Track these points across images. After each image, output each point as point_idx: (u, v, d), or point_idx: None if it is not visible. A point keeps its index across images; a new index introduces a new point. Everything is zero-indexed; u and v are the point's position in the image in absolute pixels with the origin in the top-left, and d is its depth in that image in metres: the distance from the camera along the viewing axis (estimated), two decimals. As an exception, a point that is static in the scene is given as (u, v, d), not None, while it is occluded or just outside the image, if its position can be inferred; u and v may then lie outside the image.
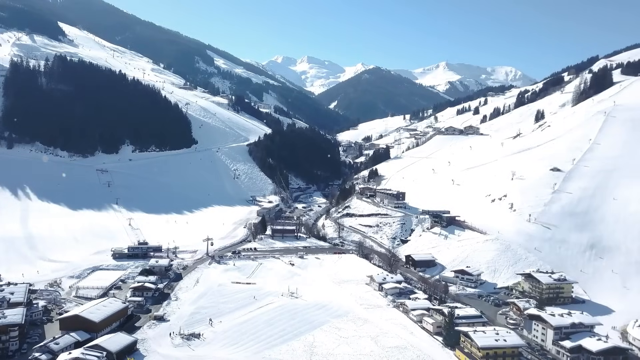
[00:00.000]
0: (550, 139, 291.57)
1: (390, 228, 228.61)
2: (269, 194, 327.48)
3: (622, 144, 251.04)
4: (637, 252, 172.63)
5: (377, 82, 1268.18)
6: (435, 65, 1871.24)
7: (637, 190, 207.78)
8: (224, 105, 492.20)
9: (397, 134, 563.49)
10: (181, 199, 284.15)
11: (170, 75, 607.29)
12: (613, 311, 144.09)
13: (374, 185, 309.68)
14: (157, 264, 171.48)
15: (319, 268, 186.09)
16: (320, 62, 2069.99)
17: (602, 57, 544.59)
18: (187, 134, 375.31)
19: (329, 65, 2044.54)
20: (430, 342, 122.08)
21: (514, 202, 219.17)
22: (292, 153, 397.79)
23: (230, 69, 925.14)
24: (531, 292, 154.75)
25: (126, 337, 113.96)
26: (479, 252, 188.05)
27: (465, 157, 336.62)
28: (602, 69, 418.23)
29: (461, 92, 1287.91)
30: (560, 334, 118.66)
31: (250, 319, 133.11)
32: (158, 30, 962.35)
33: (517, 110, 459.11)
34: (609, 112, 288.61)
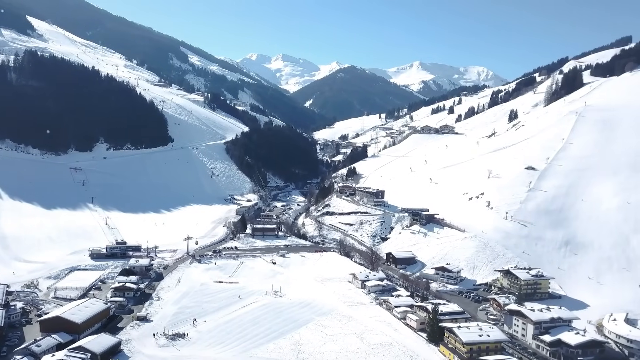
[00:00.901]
0: (525, 138, 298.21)
1: (371, 226, 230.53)
2: (247, 192, 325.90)
3: (594, 144, 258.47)
4: (609, 249, 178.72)
5: (352, 80, 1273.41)
6: (409, 65, 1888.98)
7: (608, 188, 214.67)
8: (200, 103, 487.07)
9: (373, 133, 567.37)
10: (158, 198, 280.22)
11: (144, 72, 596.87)
12: (588, 306, 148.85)
13: (352, 183, 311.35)
14: (138, 263, 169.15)
15: (301, 266, 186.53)
16: (295, 60, 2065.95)
17: (571, 59, 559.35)
18: (163, 131, 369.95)
19: (304, 64, 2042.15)
20: (414, 339, 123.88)
21: (491, 200, 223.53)
22: (270, 151, 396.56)
23: (205, 66, 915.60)
24: (510, 288, 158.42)
25: (110, 338, 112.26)
26: (458, 249, 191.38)
27: (442, 155, 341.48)
28: (572, 70, 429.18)
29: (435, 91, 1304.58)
30: (540, 329, 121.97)
31: (235, 318, 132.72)
32: (130, 26, 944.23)
33: (491, 109, 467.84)
34: (580, 113, 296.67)
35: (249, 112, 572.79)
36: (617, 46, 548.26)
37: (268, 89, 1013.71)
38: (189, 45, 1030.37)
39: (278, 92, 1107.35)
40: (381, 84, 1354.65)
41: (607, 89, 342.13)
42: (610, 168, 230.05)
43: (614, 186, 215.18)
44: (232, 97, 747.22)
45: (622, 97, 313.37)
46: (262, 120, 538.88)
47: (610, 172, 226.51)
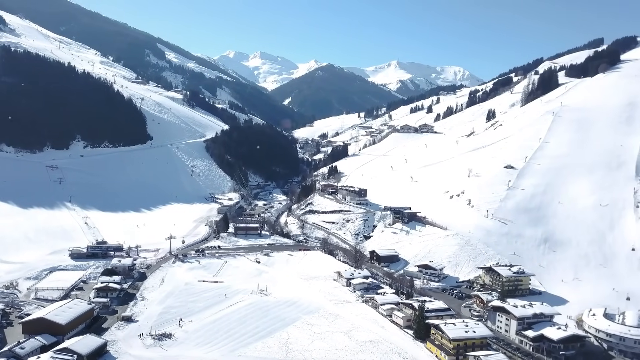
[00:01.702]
0: (503, 138, 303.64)
1: (353, 224, 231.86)
2: (228, 191, 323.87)
3: (570, 143, 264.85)
4: (587, 246, 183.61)
5: (331, 79, 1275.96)
6: (387, 64, 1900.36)
7: (585, 187, 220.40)
8: (179, 101, 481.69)
9: (353, 132, 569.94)
10: (138, 197, 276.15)
11: (120, 68, 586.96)
12: (567, 301, 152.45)
13: (334, 182, 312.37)
14: (120, 263, 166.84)
15: (285, 265, 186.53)
16: (273, 58, 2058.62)
17: (546, 59, 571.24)
18: (142, 129, 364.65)
19: (282, 62, 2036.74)
20: (401, 336, 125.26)
21: (472, 198, 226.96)
22: (250, 149, 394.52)
23: (182, 63, 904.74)
24: (492, 285, 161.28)
25: (96, 339, 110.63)
26: (440, 247, 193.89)
27: (422, 154, 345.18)
28: (548, 71, 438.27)
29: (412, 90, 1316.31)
30: (523, 324, 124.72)
31: (221, 317, 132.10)
32: (105, 22, 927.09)
33: (469, 109, 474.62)
34: (556, 113, 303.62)
35: (228, 110, 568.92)
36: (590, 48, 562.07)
37: (247, 87, 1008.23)
38: (166, 41, 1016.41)
39: (257, 90, 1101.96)
40: (359, 83, 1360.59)
41: (581, 90, 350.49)
42: (586, 167, 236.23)
43: (590, 185, 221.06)
44: (211, 94, 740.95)
45: (596, 97, 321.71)
46: (241, 118, 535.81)
47: (586, 171, 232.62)
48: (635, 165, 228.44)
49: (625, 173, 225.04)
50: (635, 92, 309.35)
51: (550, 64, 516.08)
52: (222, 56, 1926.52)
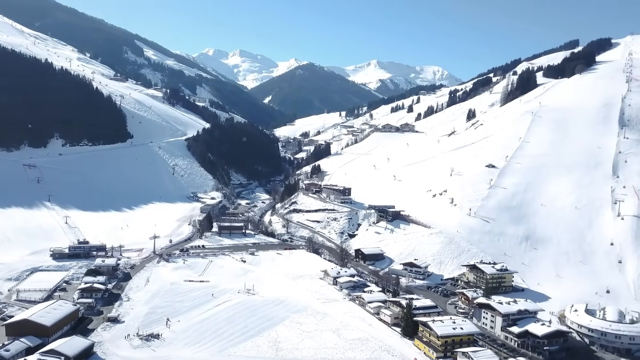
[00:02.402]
0: (484, 137, 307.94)
1: (338, 223, 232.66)
2: (210, 190, 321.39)
3: (549, 143, 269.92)
4: (567, 243, 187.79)
5: (311, 78, 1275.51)
6: (367, 63, 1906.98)
7: (564, 186, 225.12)
8: (159, 99, 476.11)
9: (335, 131, 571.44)
10: (119, 196, 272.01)
11: (98, 65, 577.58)
12: (549, 298, 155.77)
13: (317, 181, 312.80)
14: (104, 263, 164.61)
15: (271, 264, 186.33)
16: (253, 56, 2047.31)
17: (524, 60, 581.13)
18: (122, 127, 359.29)
19: (261, 60, 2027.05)
20: (389, 333, 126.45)
21: (454, 197, 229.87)
22: (232, 148, 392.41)
23: (161, 61, 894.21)
24: (476, 283, 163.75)
25: (82, 341, 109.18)
26: (424, 245, 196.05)
27: (404, 153, 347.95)
28: (526, 72, 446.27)
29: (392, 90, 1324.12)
30: (508, 321, 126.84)
31: (209, 317, 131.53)
32: (81, 17, 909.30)
33: (450, 109, 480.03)
34: (535, 113, 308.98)
35: (209, 108, 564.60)
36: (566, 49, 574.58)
37: (227, 85, 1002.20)
38: (144, 38, 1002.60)
39: (237, 88, 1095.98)
40: (340, 82, 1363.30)
41: (559, 90, 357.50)
42: (565, 166, 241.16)
43: (569, 184, 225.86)
44: (190, 92, 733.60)
45: (574, 98, 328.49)
46: (222, 117, 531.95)
47: (565, 170, 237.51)
48: (612, 164, 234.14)
49: (603, 172, 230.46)
50: (611, 93, 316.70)
51: (527, 64, 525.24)
52: (201, 54, 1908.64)
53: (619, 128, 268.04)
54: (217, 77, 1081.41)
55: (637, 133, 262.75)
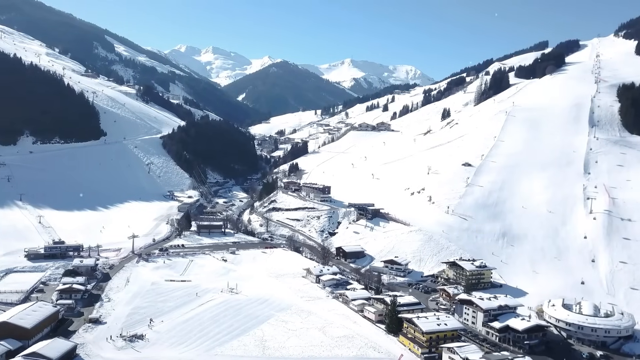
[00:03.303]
0: (459, 136, 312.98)
1: (318, 221, 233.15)
2: (187, 188, 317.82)
3: (522, 142, 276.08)
4: (542, 240, 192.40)
5: (285, 76, 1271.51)
6: (341, 62, 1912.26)
7: (538, 183, 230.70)
8: (132, 95, 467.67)
9: (311, 129, 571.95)
10: (94, 195, 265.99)
11: (68, 61, 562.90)
12: (527, 293, 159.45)
13: (295, 179, 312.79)
14: (82, 264, 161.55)
15: (252, 263, 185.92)
16: (226, 54, 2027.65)
17: (495, 60, 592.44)
18: (95, 125, 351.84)
19: (235, 57, 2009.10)
20: (374, 330, 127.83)
21: (432, 195, 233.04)
22: (208, 146, 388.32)
23: (133, 57, 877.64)
24: (456, 279, 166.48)
25: (65, 343, 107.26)
26: (404, 242, 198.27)
27: (381, 152, 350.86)
28: (499, 72, 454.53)
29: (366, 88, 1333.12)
30: (489, 316, 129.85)
31: (193, 316, 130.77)
32: (49, 11, 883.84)
33: (425, 108, 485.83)
34: (509, 112, 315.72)
35: (184, 105, 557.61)
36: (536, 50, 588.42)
37: (200, 82, 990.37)
38: (114, 34, 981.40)
39: (210, 85, 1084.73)
40: (314, 80, 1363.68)
41: (531, 90, 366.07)
42: (539, 164, 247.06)
43: (543, 181, 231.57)
44: (163, 89, 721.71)
45: (545, 98, 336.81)
46: (197, 114, 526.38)
47: (539, 169, 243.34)
48: (584, 163, 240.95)
49: (575, 170, 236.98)
50: (580, 93, 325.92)
51: (499, 64, 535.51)
52: (174, 50, 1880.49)
53: (589, 127, 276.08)
54: (191, 74, 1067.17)
55: (606, 133, 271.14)
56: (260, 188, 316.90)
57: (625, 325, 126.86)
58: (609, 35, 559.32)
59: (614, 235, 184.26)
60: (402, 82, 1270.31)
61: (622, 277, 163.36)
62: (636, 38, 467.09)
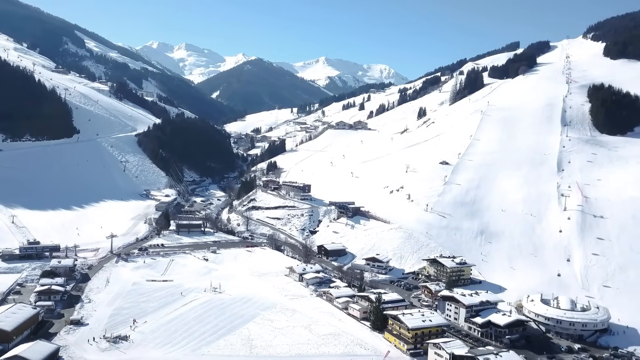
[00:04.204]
0: (436, 135, 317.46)
1: (299, 220, 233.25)
2: (163, 187, 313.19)
3: (497, 141, 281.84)
4: (519, 237, 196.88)
5: (260, 73, 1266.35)
6: (315, 60, 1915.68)
7: (514, 182, 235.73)
8: (105, 92, 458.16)
9: (287, 127, 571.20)
10: (68, 193, 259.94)
11: (37, 56, 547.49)
12: (505, 289, 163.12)
13: (274, 177, 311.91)
14: (61, 264, 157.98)
15: (234, 262, 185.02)
16: (200, 50, 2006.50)
17: (469, 60, 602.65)
18: (68, 122, 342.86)
19: (208, 54, 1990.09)
20: (359, 328, 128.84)
21: (411, 193, 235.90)
22: (184, 144, 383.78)
23: (104, 53, 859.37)
24: (437, 276, 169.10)
25: (47, 345, 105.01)
26: (385, 240, 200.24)
27: (359, 150, 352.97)
28: (473, 72, 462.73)
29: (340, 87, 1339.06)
30: (471, 312, 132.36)
31: (177, 316, 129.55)
32: (14, 4, 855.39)
33: (401, 107, 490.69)
34: (484, 112, 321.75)
35: (158, 103, 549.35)
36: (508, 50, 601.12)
37: (174, 79, 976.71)
38: (84, 29, 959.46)
39: (184, 82, 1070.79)
40: (288, 78, 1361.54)
41: (505, 90, 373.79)
42: (514, 163, 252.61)
43: (518, 180, 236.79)
44: (136, 86, 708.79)
45: (519, 98, 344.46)
46: (172, 112, 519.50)
47: (514, 167, 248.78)
48: (557, 161, 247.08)
49: (548, 169, 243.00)
50: (552, 93, 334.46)
51: (473, 64, 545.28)
52: (145, 46, 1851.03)
53: (562, 127, 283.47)
54: (164, 71, 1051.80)
55: (578, 132, 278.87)
56: (239, 187, 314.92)
57: (601, 319, 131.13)
58: (578, 37, 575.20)
59: (587, 232, 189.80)
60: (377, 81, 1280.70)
61: (595, 273, 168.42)
62: (604, 40, 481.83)
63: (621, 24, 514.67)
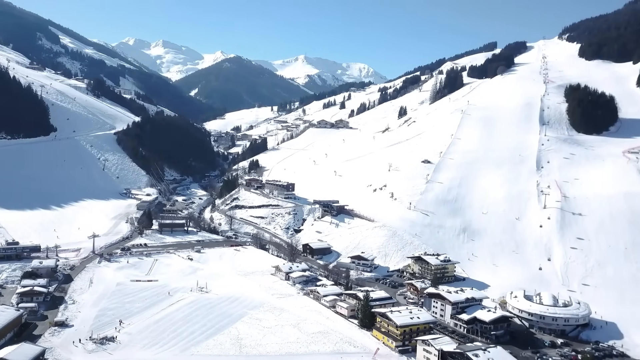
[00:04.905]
0: (417, 134, 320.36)
1: (283, 219, 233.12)
2: (144, 186, 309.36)
3: (478, 139, 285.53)
4: (501, 234, 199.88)
5: (239, 71, 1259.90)
6: (295, 58, 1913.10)
7: (494, 180, 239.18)
8: (83, 90, 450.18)
9: (268, 125, 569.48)
10: (46, 193, 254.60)
11: (10, 52, 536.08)
12: (489, 286, 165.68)
13: (257, 176, 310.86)
14: (42, 265, 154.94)
15: (219, 261, 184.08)
16: (177, 48, 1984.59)
17: (448, 60, 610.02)
18: (44, 120, 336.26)
19: (186, 51, 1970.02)
20: (347, 326, 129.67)
21: (394, 191, 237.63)
22: (165, 143, 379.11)
23: (80, 49, 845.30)
24: (421, 273, 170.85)
25: (33, 347, 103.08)
26: (369, 238, 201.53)
27: (342, 149, 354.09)
28: (453, 71, 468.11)
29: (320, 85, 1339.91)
30: (457, 309, 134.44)
31: (164, 317, 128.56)
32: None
33: (382, 106, 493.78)
34: (464, 111, 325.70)
35: (137, 100, 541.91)
36: (485, 50, 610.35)
37: (151, 77, 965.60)
38: (58, 25, 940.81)
39: (162, 80, 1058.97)
40: (268, 76, 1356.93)
41: (484, 90, 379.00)
42: (494, 162, 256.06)
43: (499, 178, 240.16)
44: (113, 84, 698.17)
45: (498, 97, 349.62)
46: (151, 110, 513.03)
47: (495, 166, 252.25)
48: (536, 160, 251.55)
49: (528, 167, 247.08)
50: (530, 93, 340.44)
51: (452, 64, 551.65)
52: (121, 43, 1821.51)
53: (540, 126, 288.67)
54: (141, 68, 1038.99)
55: (556, 131, 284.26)
56: (221, 185, 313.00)
57: (582, 314, 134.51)
58: (554, 38, 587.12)
59: (566, 229, 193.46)
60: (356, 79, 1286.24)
61: (575, 269, 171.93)
62: (579, 41, 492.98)
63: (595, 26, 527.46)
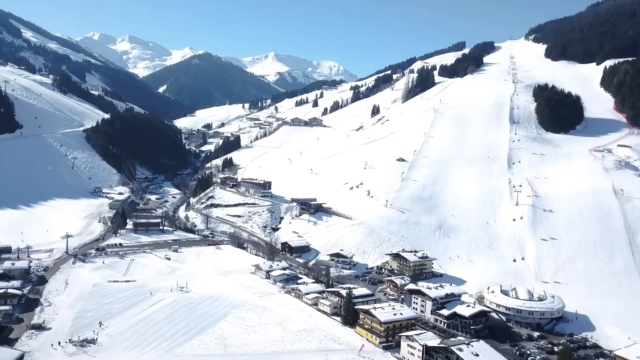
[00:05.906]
0: (391, 132, 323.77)
1: (260, 217, 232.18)
2: (115, 184, 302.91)
3: (451, 138, 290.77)
4: (475, 231, 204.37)
5: (209, 68, 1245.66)
6: (265, 55, 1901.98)
7: (468, 178, 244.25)
8: (48, 85, 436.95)
9: (240, 123, 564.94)
10: (13, 192, 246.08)
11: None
12: (465, 281, 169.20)
13: (231, 174, 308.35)
14: (15, 266, 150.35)
15: (197, 260, 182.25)
16: (144, 43, 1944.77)
17: (418, 59, 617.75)
18: (9, 116, 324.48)
19: (153, 47, 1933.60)
20: (330, 323, 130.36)
21: (370, 189, 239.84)
22: (135, 140, 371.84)
23: (43, 44, 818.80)
24: (400, 270, 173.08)
25: (11, 351, 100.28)
26: (347, 236, 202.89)
27: (316, 147, 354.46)
28: (425, 70, 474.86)
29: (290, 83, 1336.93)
30: (437, 304, 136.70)
31: (145, 317, 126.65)
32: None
33: (355, 104, 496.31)
34: (437, 109, 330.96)
35: (105, 97, 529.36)
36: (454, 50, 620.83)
37: (119, 73, 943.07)
38: (19, 18, 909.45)
39: (129, 76, 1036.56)
40: (238, 73, 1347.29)
41: (455, 89, 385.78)
42: (467, 160, 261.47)
43: (472, 175, 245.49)
44: (79, 79, 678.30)
45: (469, 96, 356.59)
46: (119, 107, 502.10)
47: (468, 163, 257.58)
48: (507, 158, 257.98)
49: (500, 165, 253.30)
50: (500, 92, 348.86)
51: (422, 63, 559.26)
52: (86, 38, 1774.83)
53: (510, 125, 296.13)
54: (107, 64, 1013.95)
55: (525, 130, 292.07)
56: (194, 184, 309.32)
57: (557, 308, 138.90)
58: (520, 39, 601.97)
59: (538, 225, 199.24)
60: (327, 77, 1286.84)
61: (547, 264, 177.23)
62: (544, 42, 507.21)
63: (560, 27, 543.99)
